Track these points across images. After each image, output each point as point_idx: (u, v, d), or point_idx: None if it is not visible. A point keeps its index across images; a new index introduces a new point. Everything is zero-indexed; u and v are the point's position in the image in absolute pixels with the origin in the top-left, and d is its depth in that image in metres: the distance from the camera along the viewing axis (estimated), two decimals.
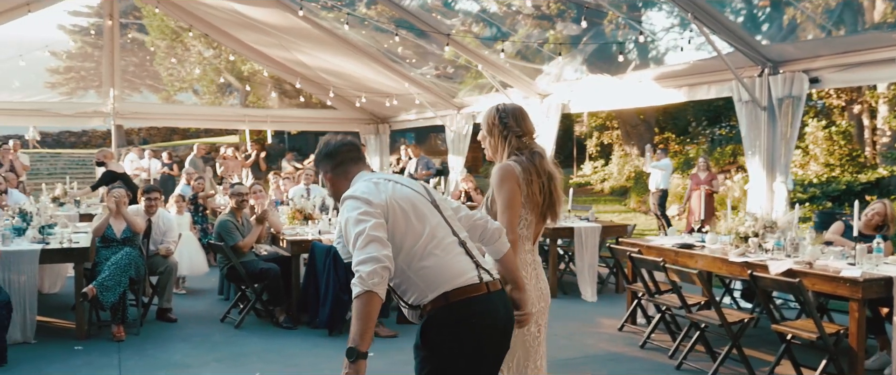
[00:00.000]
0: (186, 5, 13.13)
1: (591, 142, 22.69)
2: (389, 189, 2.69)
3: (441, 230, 2.70)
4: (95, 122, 14.94)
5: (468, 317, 2.59)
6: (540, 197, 3.12)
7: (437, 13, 11.04)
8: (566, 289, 8.55)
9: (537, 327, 3.15)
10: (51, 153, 25.15)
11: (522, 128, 3.22)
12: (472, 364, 2.61)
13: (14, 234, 6.49)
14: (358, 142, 2.95)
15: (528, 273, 3.12)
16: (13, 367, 5.49)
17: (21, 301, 6.05)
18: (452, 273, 2.61)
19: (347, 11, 11.20)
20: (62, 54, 24.35)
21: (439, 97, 13.46)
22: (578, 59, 10.57)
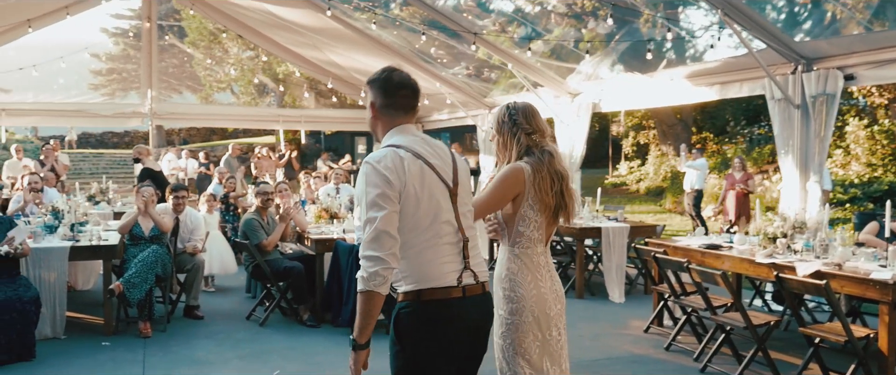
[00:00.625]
0: (221, 6, 13.30)
1: (627, 141, 22.44)
2: (415, 170, 2.58)
3: (446, 228, 2.64)
4: (134, 123, 15.22)
5: (436, 318, 2.60)
6: (551, 198, 3.03)
7: (468, 14, 11.02)
8: (593, 290, 8.45)
9: (558, 330, 3.08)
10: (94, 153, 25.74)
11: (533, 125, 3.11)
12: (442, 361, 2.62)
13: (46, 232, 6.63)
14: (418, 88, 2.75)
15: (541, 274, 3.04)
16: (41, 361, 5.61)
17: (50, 297, 6.19)
18: (433, 274, 2.60)
19: (381, 13, 11.27)
20: (103, 56, 24.87)
21: (470, 96, 13.43)
22: (610, 58, 10.44)
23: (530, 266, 3.04)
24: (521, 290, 3.01)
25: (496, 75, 12.96)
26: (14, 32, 11.55)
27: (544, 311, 3.02)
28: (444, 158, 2.72)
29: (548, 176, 3.02)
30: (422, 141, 2.70)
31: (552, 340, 3.05)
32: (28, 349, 5.62)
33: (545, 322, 3.02)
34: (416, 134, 2.73)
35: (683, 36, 9.03)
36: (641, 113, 20.84)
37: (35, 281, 6.07)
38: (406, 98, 2.71)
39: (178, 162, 16.56)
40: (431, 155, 2.67)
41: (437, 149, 2.73)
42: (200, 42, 22.86)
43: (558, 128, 11.41)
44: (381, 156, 2.58)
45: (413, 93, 2.73)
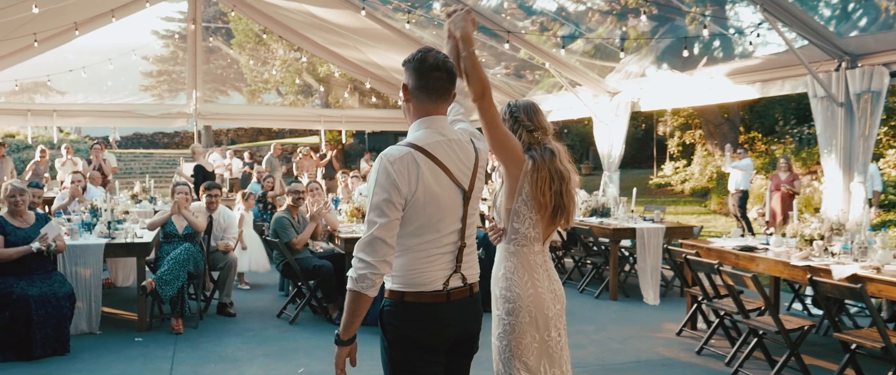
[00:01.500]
0: (262, 8, 13.46)
1: (672, 141, 22.04)
2: (428, 176, 2.49)
3: (448, 233, 2.58)
4: (180, 123, 15.54)
5: (416, 319, 2.57)
6: (548, 199, 2.93)
7: (508, 14, 10.97)
8: (628, 292, 8.30)
9: (557, 331, 2.98)
10: (144, 153, 26.37)
11: (534, 122, 3.04)
12: (424, 360, 2.59)
13: (84, 229, 6.80)
14: (455, 72, 2.62)
15: (538, 274, 2.96)
16: (75, 356, 5.75)
17: (86, 293, 6.34)
18: (420, 279, 2.57)
19: (420, 13, 11.29)
20: (152, 58, 25.47)
21: (509, 96, 13.34)
22: (650, 56, 10.27)
23: (526, 265, 2.96)
24: (518, 290, 2.94)
25: (538, 75, 12.87)
26: (63, 37, 11.88)
27: (542, 312, 2.93)
28: (465, 159, 2.61)
29: (548, 174, 2.94)
30: (445, 140, 2.57)
31: (551, 341, 2.96)
32: (62, 343, 5.76)
33: (543, 323, 2.93)
34: (443, 129, 2.59)
35: (724, 33, 8.80)
36: (687, 112, 20.43)
37: (71, 277, 6.23)
38: (440, 81, 2.57)
39: (222, 161, 16.84)
40: (451, 157, 2.57)
41: (459, 147, 2.60)
42: (247, 44, 23.22)
43: (596, 127, 11.28)
44: (398, 157, 2.48)
45: (448, 77, 2.58)
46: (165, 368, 5.51)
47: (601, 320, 7.14)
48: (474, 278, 2.70)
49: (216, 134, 29.80)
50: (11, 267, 5.70)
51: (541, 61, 11.08)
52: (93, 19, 11.67)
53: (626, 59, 10.27)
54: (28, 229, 5.83)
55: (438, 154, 2.53)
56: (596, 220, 8.60)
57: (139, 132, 29.47)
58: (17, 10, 9.08)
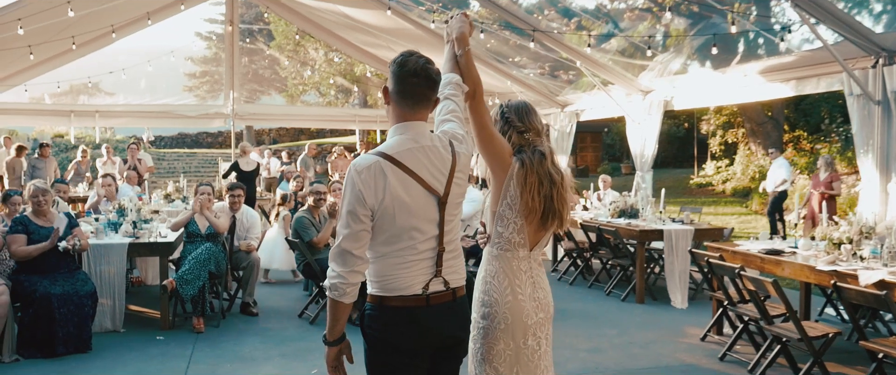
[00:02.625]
0: (297, 7, 13.56)
1: (714, 140, 21.60)
2: (395, 186, 2.46)
3: (426, 243, 2.55)
4: (217, 124, 15.78)
5: (397, 323, 2.56)
6: (537, 203, 2.83)
7: (538, 14, 10.87)
8: (656, 295, 8.13)
9: (535, 340, 2.87)
10: (188, 152, 26.86)
11: (525, 123, 2.92)
12: (405, 363, 2.58)
13: (109, 229, 6.92)
14: (436, 78, 2.56)
15: (520, 280, 2.86)
16: (96, 354, 5.85)
17: (110, 291, 6.46)
18: (397, 285, 2.54)
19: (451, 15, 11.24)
20: (196, 59, 25.90)
21: (542, 95, 13.23)
22: (683, 54, 10.05)
23: (508, 270, 2.87)
24: (495, 295, 2.86)
25: (573, 75, 12.72)
26: (101, 40, 12.15)
27: (519, 319, 2.83)
28: (440, 165, 2.56)
29: (536, 178, 2.84)
30: (419, 147, 2.52)
31: (527, 349, 2.86)
32: (85, 341, 5.87)
33: (520, 331, 2.84)
34: (418, 136, 2.54)
35: (757, 30, 8.55)
36: (729, 110, 20.00)
37: (95, 275, 6.35)
38: (417, 87, 2.52)
39: (260, 161, 17.04)
40: (423, 164, 2.52)
41: (433, 154, 2.55)
42: (286, 45, 23.47)
43: (629, 126, 11.09)
44: (365, 167, 2.47)
45: (427, 83, 2.54)
46: (181, 367, 5.57)
47: (625, 324, 7.00)
48: (459, 282, 2.66)
49: (258, 133, 30.21)
50: (36, 266, 5.83)
51: (573, 60, 10.94)
52: (129, 23, 11.90)
53: (659, 58, 10.09)
54: (51, 228, 5.94)
55: (409, 162, 2.49)
56: (624, 221, 8.45)
57: (184, 132, 30.04)
58: (54, 13, 9.29)
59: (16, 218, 5.94)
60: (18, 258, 5.81)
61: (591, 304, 7.87)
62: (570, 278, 9.14)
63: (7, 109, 13.83)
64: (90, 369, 5.51)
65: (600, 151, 29.82)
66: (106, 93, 18.54)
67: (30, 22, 9.15)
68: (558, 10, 11.25)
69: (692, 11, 9.30)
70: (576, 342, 6.35)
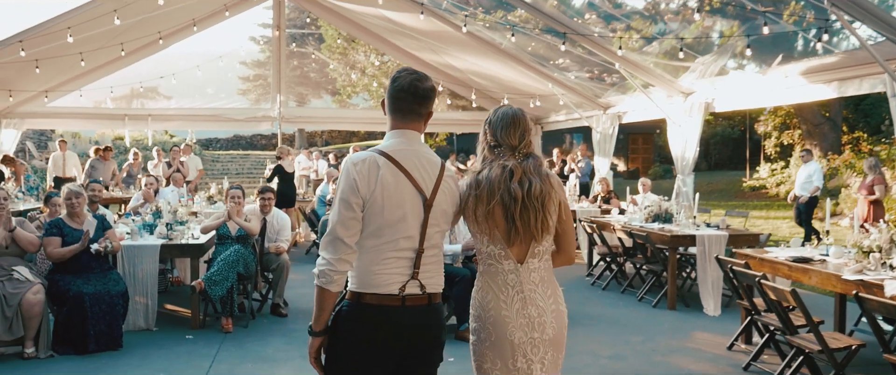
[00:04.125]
0: (342, 11, 13.74)
1: (769, 142, 21.01)
2: (388, 179, 2.61)
3: (404, 238, 2.65)
4: (264, 126, 16.09)
5: (371, 321, 2.65)
6: (498, 216, 2.79)
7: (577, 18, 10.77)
8: (688, 301, 7.97)
9: (526, 362, 2.79)
10: (241, 154, 27.48)
11: (498, 138, 2.88)
12: (372, 363, 2.66)
13: (145, 230, 7.14)
14: (424, 95, 2.72)
15: (507, 295, 2.80)
16: (127, 351, 6.05)
17: (143, 291, 6.67)
18: (376, 281, 2.64)
19: (494, 18, 11.28)
20: (248, 62, 26.48)
21: (584, 97, 13.11)
22: (725, 55, 9.84)
23: (494, 285, 2.84)
24: (480, 310, 2.85)
25: (616, 78, 12.57)
26: (150, 48, 12.56)
27: (504, 336, 2.78)
28: (430, 170, 2.71)
29: (485, 194, 2.79)
30: (412, 150, 2.70)
31: (516, 371, 2.78)
32: (116, 339, 6.08)
33: (505, 350, 2.78)
34: (411, 142, 2.73)
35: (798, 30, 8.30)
36: (785, 111, 19.43)
37: (128, 275, 6.57)
38: (405, 102, 2.72)
39: (308, 163, 17.33)
40: (415, 165, 2.68)
41: (425, 159, 2.72)
42: (336, 48, 23.79)
43: (670, 128, 10.89)
44: (360, 160, 2.65)
45: (415, 100, 2.72)
46: (205, 366, 5.72)
47: (651, 330, 6.89)
48: (435, 288, 2.75)
49: (310, 136, 30.70)
50: (70, 266, 6.06)
51: (612, 62, 10.81)
52: (177, 31, 12.25)
53: (701, 59, 9.89)
54: (83, 230, 6.17)
55: (401, 159, 2.66)
56: (657, 226, 8.31)
57: (238, 134, 30.76)
58: (101, 22, 9.64)
59: (51, 222, 6.19)
60: (53, 259, 6.05)
61: (620, 310, 7.77)
62: (603, 283, 9.04)
63: (65, 113, 14.41)
64: (119, 366, 5.70)
65: (652, 153, 29.34)
66: (164, 97, 19.16)
67: (79, 30, 9.52)
68: (600, 14, 11.16)
69: (735, 12, 9.11)
70: (598, 348, 6.28)
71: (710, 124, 25.45)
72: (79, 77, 12.98)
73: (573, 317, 7.24)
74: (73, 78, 12.99)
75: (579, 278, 9.65)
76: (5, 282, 5.71)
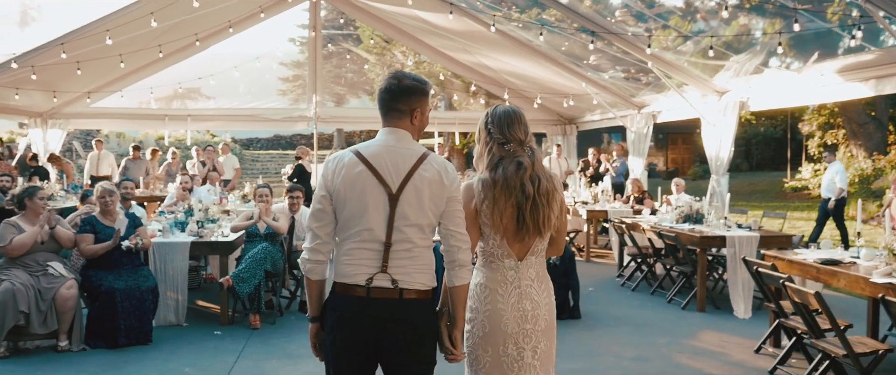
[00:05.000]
0: (376, 12, 13.84)
1: (812, 142, 20.54)
2: (350, 174, 2.74)
3: (369, 230, 2.73)
4: (300, 126, 16.27)
5: (340, 310, 2.76)
6: (509, 216, 2.90)
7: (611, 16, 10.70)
8: (719, 304, 7.85)
9: (517, 349, 2.93)
10: (280, 154, 27.83)
11: (506, 135, 2.97)
12: (342, 352, 2.77)
13: (176, 228, 7.30)
14: (400, 89, 2.81)
15: (505, 290, 2.95)
16: (156, 346, 6.20)
17: (173, 287, 6.82)
18: (346, 270, 2.76)
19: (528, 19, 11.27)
20: (287, 63, 26.80)
21: (618, 96, 13.00)
22: (762, 53, 9.66)
23: (492, 281, 2.97)
24: (477, 304, 2.97)
25: (652, 77, 12.44)
26: (187, 50, 12.81)
27: (498, 328, 2.92)
28: (401, 166, 2.76)
29: (502, 192, 2.89)
30: (387, 147, 2.79)
31: (506, 357, 2.93)
32: (145, 333, 6.23)
33: (498, 338, 2.92)
34: (391, 139, 2.82)
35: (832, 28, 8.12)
36: (828, 110, 18.97)
37: (159, 272, 6.73)
38: (384, 103, 2.85)
39: None
40: (385, 161, 2.76)
41: (397, 156, 2.77)
42: (373, 49, 23.94)
43: (704, 128, 10.74)
44: (332, 158, 2.85)
45: (392, 98, 2.83)
46: (230, 361, 5.83)
47: (678, 332, 6.81)
48: (411, 285, 2.76)
49: (348, 136, 30.94)
50: (102, 262, 6.23)
51: (644, 61, 10.70)
52: (213, 33, 12.48)
53: (735, 57, 9.74)
54: (115, 228, 6.33)
55: (370, 156, 2.77)
56: (687, 227, 8.20)
57: (279, 134, 31.17)
58: (138, 25, 9.87)
59: (85, 219, 6.37)
60: (86, 256, 6.23)
61: (648, 311, 7.69)
62: (632, 284, 8.95)
63: (107, 114, 14.78)
64: (148, 360, 5.84)
65: (692, 153, 28.92)
66: (206, 97, 19.52)
67: (117, 33, 9.76)
68: (633, 13, 11.06)
69: (773, 10, 8.94)
70: (622, 349, 6.23)
71: (752, 124, 24.99)
72: (120, 79, 13.32)
73: (599, 318, 7.26)
74: (115, 79, 13.33)
75: (609, 279, 9.57)
76: (40, 277, 5.90)
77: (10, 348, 5.89)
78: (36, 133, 14.32)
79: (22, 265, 5.93)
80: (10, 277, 5.76)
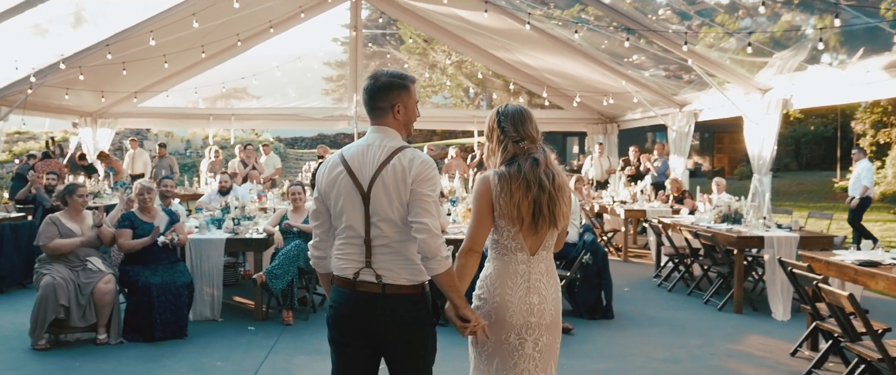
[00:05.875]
0: (418, 11, 13.89)
1: (864, 140, 19.94)
2: (332, 175, 2.90)
3: (350, 226, 2.87)
4: (341, 126, 16.45)
5: (332, 300, 2.97)
6: (525, 208, 2.95)
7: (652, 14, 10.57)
8: (757, 306, 7.69)
9: (519, 339, 3.01)
10: None
11: (520, 132, 3.04)
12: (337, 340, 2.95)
13: (212, 225, 7.44)
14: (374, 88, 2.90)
15: (515, 283, 3.00)
16: (190, 340, 6.34)
17: (209, 282, 6.96)
18: (338, 264, 2.93)
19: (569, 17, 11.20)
20: (331, 63, 27.08)
21: (659, 95, 12.82)
22: (805, 50, 9.43)
23: (503, 273, 3.02)
24: (486, 294, 3.04)
25: (695, 75, 12.24)
26: (230, 51, 13.06)
27: (503, 318, 2.99)
28: (370, 165, 2.84)
29: (521, 185, 2.94)
30: (364, 146, 2.90)
31: (508, 345, 3.01)
32: (181, 328, 6.37)
33: (502, 327, 3.00)
34: (370, 137, 2.94)
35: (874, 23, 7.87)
36: (881, 107, 18.41)
37: (195, 267, 6.87)
38: (365, 103, 2.98)
39: None
40: (360, 161, 2.87)
41: (370, 153, 2.86)
42: (415, 48, 24.04)
43: (747, 127, 10.52)
44: (326, 160, 3.02)
45: (370, 98, 2.94)
46: (261, 356, 5.92)
47: (712, 334, 6.68)
48: (394, 280, 2.84)
49: None
50: (139, 258, 6.39)
51: (684, 59, 10.54)
52: (255, 34, 12.69)
53: (779, 54, 9.53)
54: (153, 224, 6.49)
55: (349, 157, 2.90)
56: (724, 227, 8.05)
57: (323, 133, 31.53)
58: (181, 26, 10.09)
59: (124, 215, 6.55)
60: (125, 251, 6.40)
61: (683, 312, 7.57)
62: (669, 284, 8.82)
63: (153, 113, 15.17)
64: (182, 353, 5.97)
65: (739, 152, 28.30)
66: (252, 97, 19.87)
67: (160, 34, 9.99)
68: (675, 11, 10.91)
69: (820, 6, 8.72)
70: (653, 350, 6.15)
71: (802, 122, 24.36)
72: (165, 79, 13.65)
73: (632, 318, 7.18)
74: (160, 80, 13.66)
75: (646, 279, 9.45)
76: (79, 272, 6.09)
77: (52, 340, 6.08)
78: (86, 132, 14.77)
79: (63, 260, 6.12)
80: (50, 272, 5.96)
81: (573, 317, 7.12)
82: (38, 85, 10.70)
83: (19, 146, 23.95)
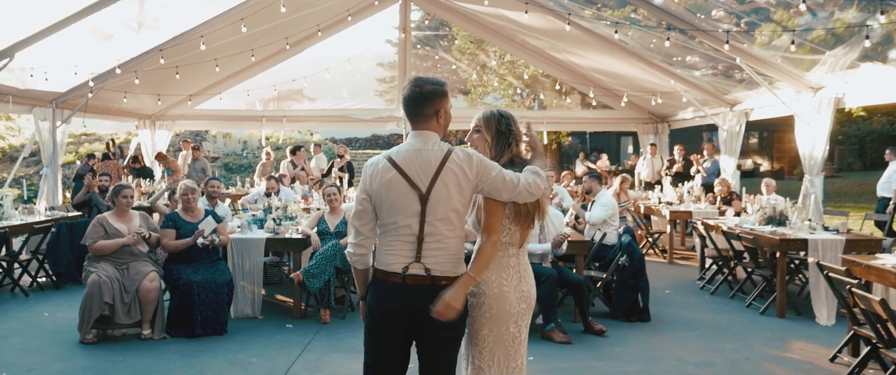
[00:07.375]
0: (467, 13, 13.96)
1: None
2: (383, 177, 3.05)
3: (405, 226, 3.05)
4: (389, 127, 16.64)
5: (379, 293, 3.10)
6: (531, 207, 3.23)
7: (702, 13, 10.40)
8: (801, 310, 7.50)
9: (517, 327, 3.23)
10: (376, 154, 28.42)
11: (517, 134, 3.37)
12: (378, 330, 3.11)
13: (253, 225, 7.65)
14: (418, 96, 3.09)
15: (508, 275, 3.23)
16: (230, 336, 6.53)
17: (250, 281, 7.16)
18: (384, 259, 3.10)
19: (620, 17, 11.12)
20: (384, 64, 27.37)
21: (710, 94, 12.58)
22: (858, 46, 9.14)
23: (497, 267, 3.21)
24: (484, 288, 3.19)
25: (746, 74, 11.98)
26: (279, 55, 13.37)
27: (503, 309, 3.18)
28: (426, 168, 3.05)
29: None
30: (415, 151, 3.07)
31: (508, 335, 3.20)
32: (221, 324, 6.57)
33: (502, 318, 3.18)
34: (418, 143, 3.10)
35: None
36: None
37: (236, 266, 7.08)
38: (408, 108, 3.15)
39: None
40: (414, 164, 3.05)
41: (424, 158, 3.05)
42: (466, 49, 24.11)
43: (798, 126, 10.26)
44: (370, 163, 3.18)
45: (414, 104, 3.11)
46: (295, 353, 6.07)
47: (750, 338, 6.55)
48: (442, 272, 3.06)
49: (445, 136, 31.22)
50: (182, 257, 6.63)
51: (733, 57, 10.33)
52: (304, 38, 12.96)
53: (831, 52, 9.26)
54: (196, 224, 6.72)
55: (401, 161, 3.07)
56: (768, 229, 7.87)
57: (376, 134, 31.91)
58: (230, 31, 10.39)
59: (168, 215, 6.79)
60: (168, 250, 6.64)
61: (723, 316, 7.43)
62: (712, 287, 8.67)
63: (208, 115, 15.63)
64: (221, 349, 6.15)
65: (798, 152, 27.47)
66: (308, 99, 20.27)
67: (211, 39, 10.32)
68: (728, 11, 10.70)
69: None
70: (686, 354, 6.07)
71: (866, 120, 23.49)
72: (218, 83, 14.05)
73: (669, 321, 7.11)
74: (213, 83, 14.08)
75: (690, 281, 9.31)
76: (125, 271, 6.34)
77: (99, 335, 6.35)
78: (145, 134, 15.31)
79: (110, 258, 6.39)
80: (97, 270, 6.23)
81: (609, 319, 7.09)
82: (98, 88, 11.15)
83: (85, 147, 24.95)
